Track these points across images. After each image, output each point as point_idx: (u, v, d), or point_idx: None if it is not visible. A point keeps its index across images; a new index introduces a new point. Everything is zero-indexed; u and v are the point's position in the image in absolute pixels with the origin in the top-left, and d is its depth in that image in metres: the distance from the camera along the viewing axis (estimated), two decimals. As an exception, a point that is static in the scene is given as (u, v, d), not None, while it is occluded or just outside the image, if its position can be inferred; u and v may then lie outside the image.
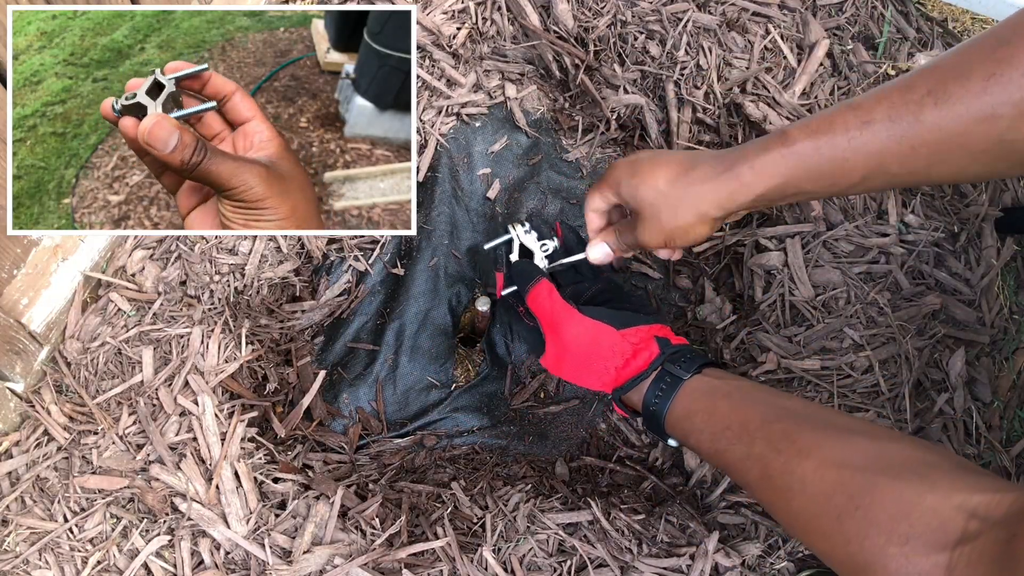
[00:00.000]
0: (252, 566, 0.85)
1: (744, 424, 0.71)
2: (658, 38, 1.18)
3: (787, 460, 0.66)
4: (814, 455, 0.64)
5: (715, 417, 0.74)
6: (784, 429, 0.68)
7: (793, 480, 0.65)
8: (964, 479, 0.58)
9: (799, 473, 0.64)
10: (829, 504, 0.62)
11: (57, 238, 0.93)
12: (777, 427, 0.69)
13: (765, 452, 0.68)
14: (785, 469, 0.66)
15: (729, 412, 0.73)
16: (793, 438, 0.67)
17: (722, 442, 0.72)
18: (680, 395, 0.77)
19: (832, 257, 1.04)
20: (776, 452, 0.67)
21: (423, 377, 1.03)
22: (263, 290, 1.05)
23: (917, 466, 0.61)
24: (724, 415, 0.73)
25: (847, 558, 0.61)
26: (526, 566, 0.87)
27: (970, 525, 0.55)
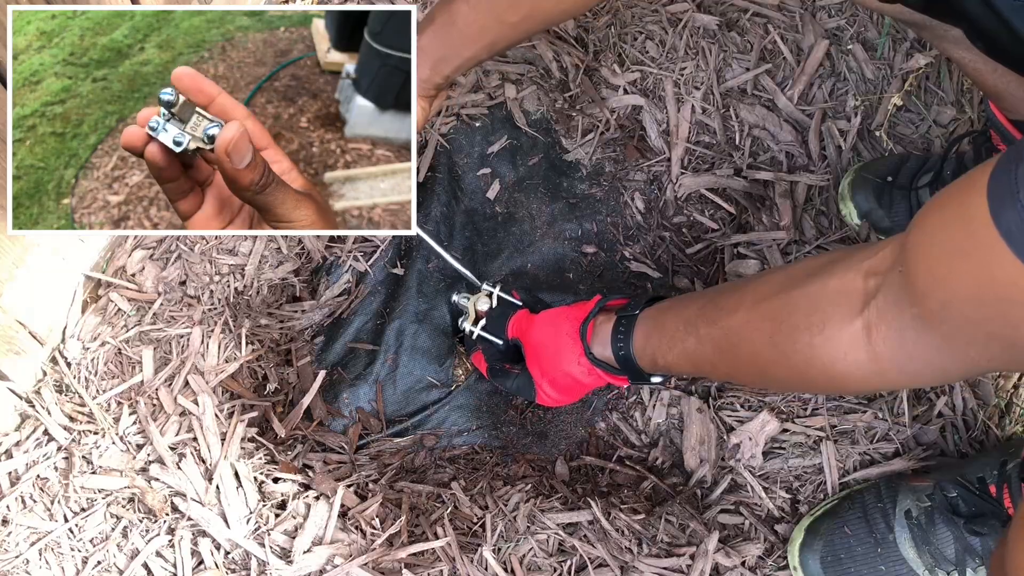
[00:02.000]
0: (252, 566, 0.85)
1: (687, 319, 0.78)
2: (658, 38, 1.18)
3: (723, 324, 0.73)
4: (740, 308, 0.71)
5: (666, 328, 0.80)
6: (713, 302, 0.76)
7: (733, 336, 0.72)
8: (858, 255, 0.63)
9: (734, 328, 0.71)
10: (762, 336, 0.68)
11: (57, 238, 0.93)
12: (709, 307, 0.76)
13: (707, 329, 0.75)
14: (723, 332, 0.73)
15: (675, 317, 0.80)
16: (721, 305, 0.74)
17: (678, 344, 0.78)
18: (637, 328, 0.83)
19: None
20: (713, 323, 0.74)
21: (423, 377, 1.03)
22: (263, 290, 1.05)
23: (820, 267, 0.66)
24: (672, 323, 0.80)
25: (793, 371, 0.67)
26: (526, 566, 0.87)
27: (869, 284, 0.60)
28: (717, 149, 1.14)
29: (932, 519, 0.85)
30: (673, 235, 1.11)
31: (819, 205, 1.11)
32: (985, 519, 0.83)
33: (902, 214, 1.04)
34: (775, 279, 0.71)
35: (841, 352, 0.61)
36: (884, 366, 0.60)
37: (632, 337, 0.83)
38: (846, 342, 0.61)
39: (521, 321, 0.96)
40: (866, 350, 0.60)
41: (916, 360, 0.59)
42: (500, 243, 1.10)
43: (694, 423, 0.98)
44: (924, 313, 0.55)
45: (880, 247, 0.61)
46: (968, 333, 0.54)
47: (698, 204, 1.13)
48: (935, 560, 0.84)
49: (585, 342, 0.87)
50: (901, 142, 1.14)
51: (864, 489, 0.92)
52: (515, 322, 0.96)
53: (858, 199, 1.06)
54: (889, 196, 1.05)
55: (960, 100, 1.16)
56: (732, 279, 1.06)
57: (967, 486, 0.85)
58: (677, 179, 1.12)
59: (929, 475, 0.90)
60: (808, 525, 0.90)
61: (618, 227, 1.12)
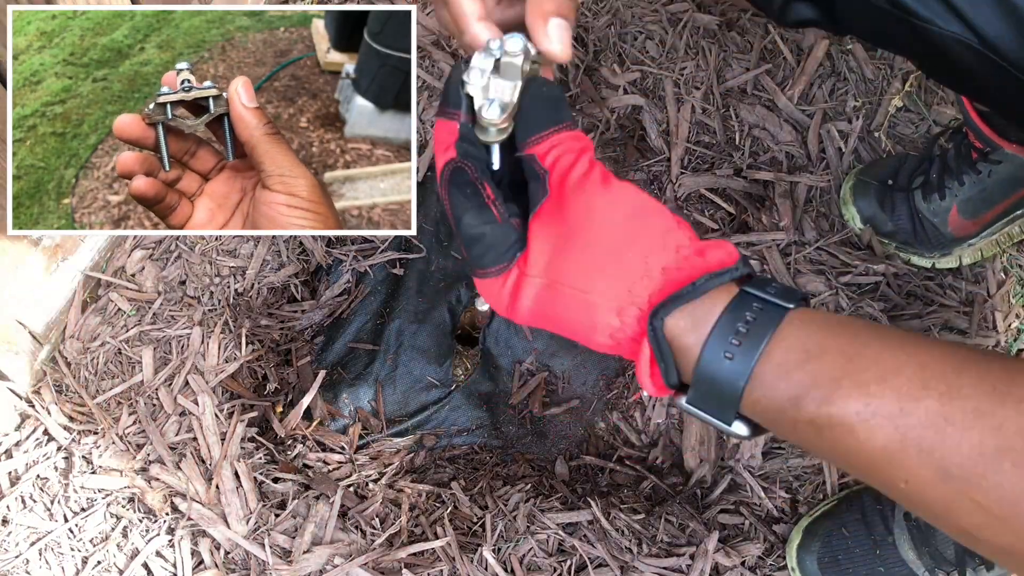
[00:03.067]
0: (252, 566, 0.85)
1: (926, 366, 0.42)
2: (658, 38, 1.18)
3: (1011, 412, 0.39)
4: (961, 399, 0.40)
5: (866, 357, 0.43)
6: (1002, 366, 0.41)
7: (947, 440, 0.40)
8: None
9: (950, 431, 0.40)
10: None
11: (57, 238, 0.93)
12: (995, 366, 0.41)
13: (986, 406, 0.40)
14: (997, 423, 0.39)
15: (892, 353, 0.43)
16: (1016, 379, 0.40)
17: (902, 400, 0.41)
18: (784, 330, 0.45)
19: (812, 266, 1.04)
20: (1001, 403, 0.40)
21: (423, 377, 1.03)
22: (263, 291, 1.05)
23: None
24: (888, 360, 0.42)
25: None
26: (526, 566, 0.87)
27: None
28: (717, 149, 1.14)
29: (932, 520, 0.85)
30: (673, 235, 1.11)
31: (819, 206, 1.11)
32: (985, 519, 0.82)
33: (903, 218, 1.04)
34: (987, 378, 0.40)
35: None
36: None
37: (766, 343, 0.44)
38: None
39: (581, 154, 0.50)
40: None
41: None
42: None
43: (694, 423, 0.98)
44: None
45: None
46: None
47: (698, 204, 1.13)
48: (935, 561, 0.84)
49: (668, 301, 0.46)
50: (901, 142, 1.14)
51: (863, 491, 0.92)
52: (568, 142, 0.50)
53: (860, 204, 1.06)
54: (891, 200, 1.05)
55: (960, 100, 1.16)
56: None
57: (967, 486, 0.84)
58: (677, 179, 1.12)
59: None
60: (806, 526, 0.90)
61: (618, 227, 1.12)
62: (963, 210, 1.01)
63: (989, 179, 0.98)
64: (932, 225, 1.03)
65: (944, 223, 1.02)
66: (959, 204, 1.01)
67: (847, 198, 1.08)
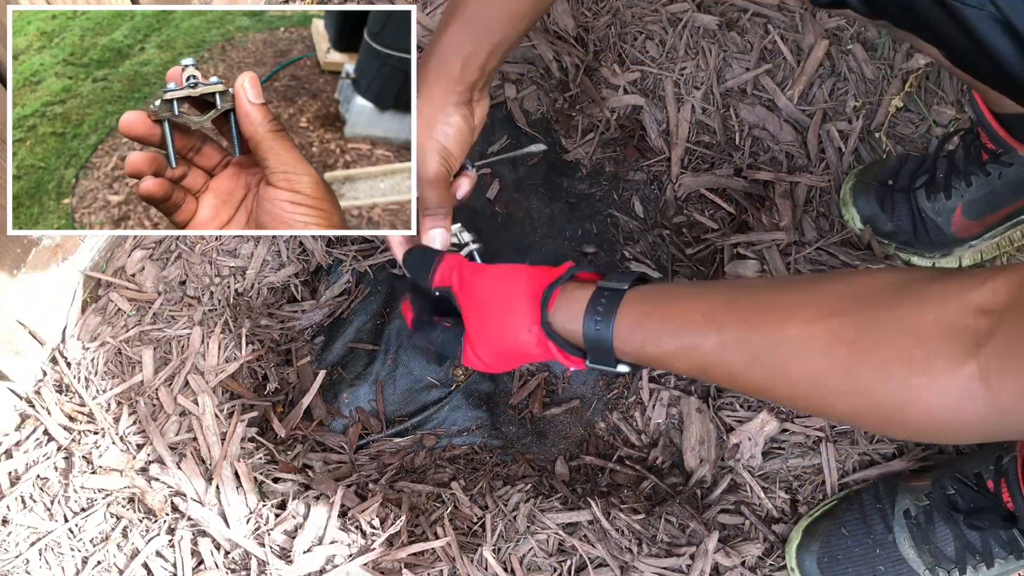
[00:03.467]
0: (252, 566, 0.85)
1: (707, 312, 0.62)
2: (658, 38, 1.18)
3: (768, 332, 0.59)
4: (794, 316, 0.58)
5: (671, 314, 0.64)
6: (752, 303, 0.61)
7: (782, 350, 0.58)
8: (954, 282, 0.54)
9: (786, 341, 0.58)
10: (832, 359, 0.56)
11: (57, 238, 0.93)
12: (744, 303, 0.61)
13: (741, 332, 0.60)
14: (769, 342, 0.59)
15: (687, 306, 0.64)
16: (765, 307, 0.60)
17: (688, 337, 0.63)
18: (625, 305, 0.66)
19: (812, 266, 1.04)
20: (752, 328, 0.60)
21: (423, 377, 1.03)
22: (263, 292, 1.05)
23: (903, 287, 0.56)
24: (680, 311, 0.64)
25: (875, 408, 0.55)
26: (526, 566, 0.87)
27: (980, 323, 0.51)
28: (717, 149, 1.14)
29: (931, 517, 0.85)
30: (673, 235, 1.11)
31: (819, 206, 1.11)
32: (984, 514, 0.83)
33: (904, 218, 1.04)
34: (841, 290, 0.59)
35: (953, 399, 0.51)
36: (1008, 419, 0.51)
37: (615, 315, 0.67)
38: (958, 389, 0.51)
39: (460, 267, 0.78)
40: (985, 402, 0.50)
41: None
42: (500, 243, 1.10)
43: (694, 423, 0.98)
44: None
45: (984, 278, 0.53)
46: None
47: (698, 204, 1.13)
48: (935, 559, 0.84)
49: (545, 310, 0.71)
50: (901, 142, 1.14)
51: (862, 490, 0.92)
52: (448, 267, 0.78)
53: (860, 204, 1.06)
54: (891, 200, 1.05)
55: (960, 100, 1.16)
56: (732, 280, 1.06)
57: (965, 482, 0.85)
58: (677, 179, 1.12)
59: (926, 474, 0.90)
60: (806, 526, 0.90)
61: (618, 227, 1.12)
62: (968, 211, 1.01)
63: (999, 181, 0.98)
64: (935, 225, 1.02)
65: (947, 223, 1.02)
66: (964, 205, 1.00)
67: (847, 198, 1.08)
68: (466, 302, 0.76)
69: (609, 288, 0.69)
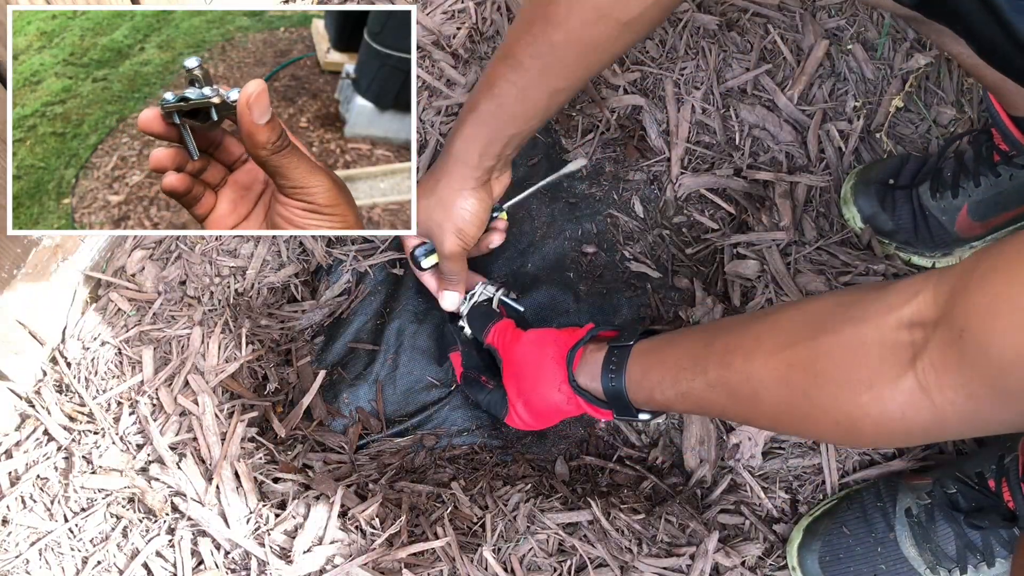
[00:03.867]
0: (252, 566, 0.85)
1: (693, 357, 0.73)
2: (658, 38, 1.18)
3: (739, 369, 0.68)
4: (757, 352, 0.66)
5: (667, 363, 0.76)
6: (725, 344, 0.70)
7: (753, 384, 0.67)
8: (885, 299, 0.59)
9: (754, 375, 0.66)
10: (792, 387, 0.64)
11: (57, 238, 0.93)
12: (718, 346, 0.71)
13: (719, 373, 0.70)
14: (741, 378, 0.68)
15: (677, 353, 0.76)
16: (734, 348, 0.69)
17: (683, 383, 0.74)
18: (632, 360, 0.79)
19: (812, 265, 1.04)
20: (727, 367, 0.69)
21: (423, 377, 1.03)
22: (263, 292, 1.05)
23: (845, 310, 0.61)
24: (674, 358, 0.75)
25: (835, 426, 0.62)
26: (526, 566, 0.87)
27: (914, 336, 0.56)
28: (717, 149, 1.14)
29: (932, 516, 0.85)
30: (673, 235, 1.11)
31: (819, 206, 1.11)
32: (985, 513, 0.83)
33: (905, 217, 1.04)
34: (792, 320, 0.66)
35: (898, 411, 0.57)
36: (950, 424, 0.56)
37: (625, 370, 0.79)
38: (902, 400, 0.56)
39: (505, 333, 0.93)
40: (929, 411, 0.55)
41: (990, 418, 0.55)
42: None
43: (694, 423, 0.98)
44: (1003, 385, 0.51)
45: (911, 290, 0.57)
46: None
47: (698, 204, 1.13)
48: (936, 558, 0.84)
49: (570, 369, 0.84)
50: (901, 142, 1.14)
51: (863, 489, 0.92)
52: (498, 331, 0.94)
53: (860, 203, 1.06)
54: (892, 199, 1.05)
55: (960, 100, 1.16)
56: (732, 280, 1.06)
57: (966, 481, 0.85)
58: (677, 179, 1.12)
59: (927, 473, 0.90)
60: (807, 525, 0.90)
61: (618, 227, 1.12)
62: (973, 211, 1.00)
63: (1009, 182, 0.98)
64: (938, 223, 1.02)
65: (952, 222, 1.02)
66: (971, 205, 1.00)
67: (847, 198, 1.08)
68: (507, 367, 0.91)
69: (618, 347, 0.81)
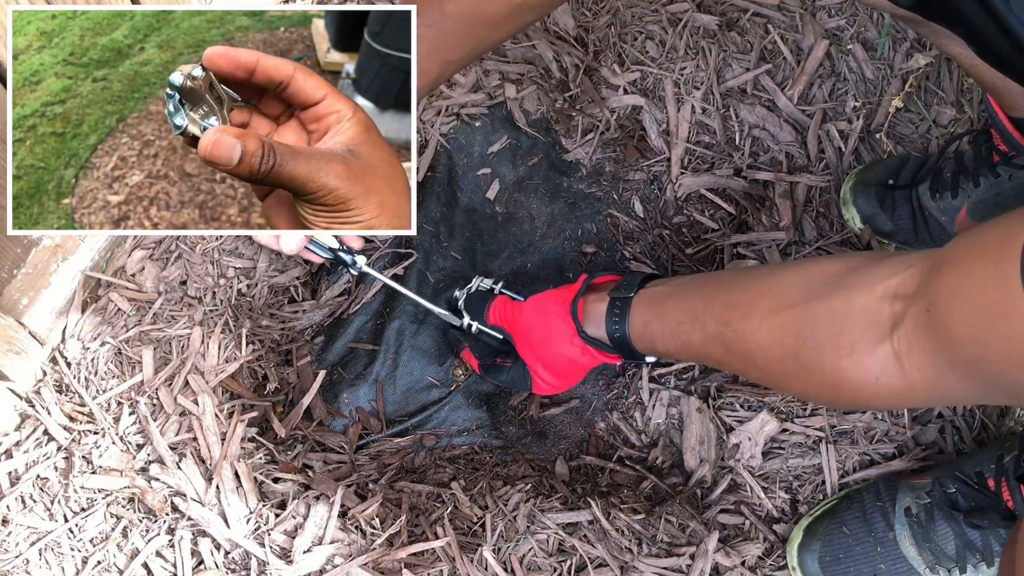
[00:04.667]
0: (252, 566, 0.85)
1: (692, 312, 0.76)
2: (658, 38, 1.18)
3: (736, 327, 0.71)
4: (754, 312, 0.70)
5: (667, 316, 0.79)
6: (724, 300, 0.74)
7: (748, 342, 0.70)
8: (880, 269, 0.62)
9: (749, 333, 0.70)
10: (783, 348, 0.67)
11: (57, 238, 0.93)
12: (717, 302, 0.74)
13: (717, 328, 0.73)
14: (737, 336, 0.71)
15: (677, 307, 0.79)
16: (733, 305, 0.73)
17: (682, 336, 0.77)
18: (633, 311, 0.82)
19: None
20: (725, 324, 0.72)
21: (423, 377, 1.03)
22: (264, 292, 1.05)
23: (841, 278, 0.65)
24: (674, 312, 0.79)
25: (818, 386, 0.66)
26: (526, 566, 0.87)
27: (895, 308, 0.59)
28: (717, 149, 1.14)
29: (932, 515, 0.85)
30: (673, 235, 1.11)
31: (819, 206, 1.11)
32: (984, 512, 0.83)
33: (904, 217, 1.04)
34: (792, 284, 0.69)
35: (873, 376, 0.61)
36: (918, 391, 0.60)
37: (628, 320, 0.83)
38: (877, 366, 0.60)
39: (505, 307, 0.94)
40: (900, 376, 0.60)
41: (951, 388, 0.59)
42: (500, 243, 1.10)
43: (694, 423, 0.98)
44: (958, 359, 0.55)
45: (902, 264, 0.61)
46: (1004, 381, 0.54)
47: (698, 204, 1.13)
48: (936, 557, 0.84)
49: (577, 322, 0.86)
50: (901, 142, 1.14)
51: (863, 489, 0.92)
52: (496, 308, 0.95)
53: (860, 203, 1.06)
54: (891, 200, 1.05)
55: (960, 100, 1.16)
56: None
57: (966, 481, 0.85)
58: (677, 179, 1.12)
59: (927, 473, 0.90)
60: (807, 525, 0.90)
61: (618, 227, 1.12)
62: (973, 212, 1.00)
63: (1009, 183, 0.98)
64: (938, 223, 1.02)
65: (951, 222, 1.02)
66: (971, 205, 1.00)
67: (847, 198, 1.08)
68: (518, 337, 0.92)
69: (620, 297, 0.84)
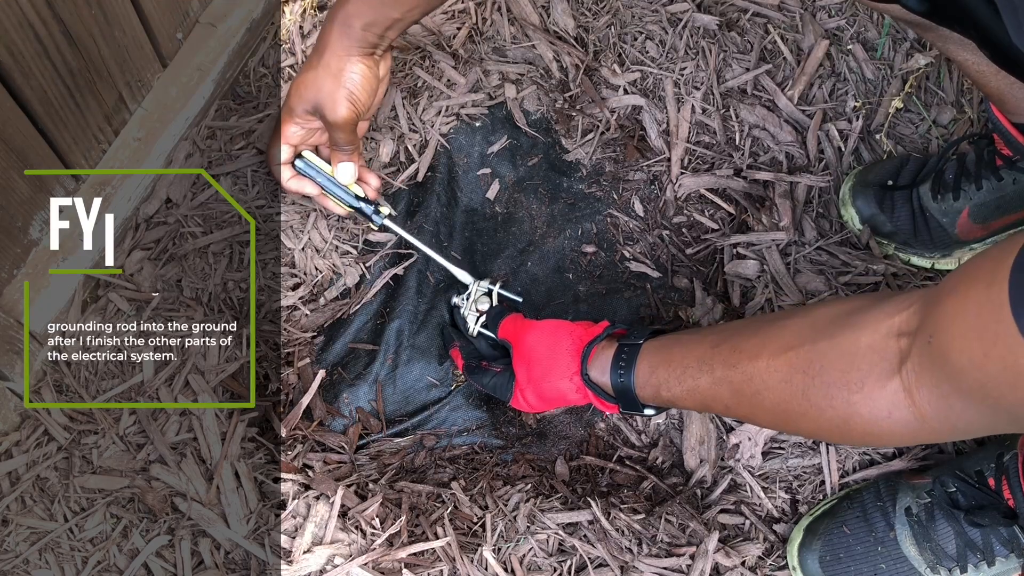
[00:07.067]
0: (252, 566, 0.85)
1: (699, 356, 0.77)
2: (658, 38, 1.18)
3: (743, 369, 0.72)
4: (762, 354, 0.71)
5: (674, 362, 0.79)
6: (731, 345, 0.75)
7: (756, 383, 0.71)
8: (883, 308, 0.63)
9: (757, 374, 0.71)
10: (792, 387, 0.68)
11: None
12: (725, 347, 0.75)
13: (724, 372, 0.74)
14: (745, 377, 0.72)
15: (684, 353, 0.79)
16: (740, 348, 0.73)
17: (688, 380, 0.77)
18: (641, 358, 0.82)
19: (811, 265, 1.04)
20: (732, 367, 0.73)
21: (423, 377, 1.03)
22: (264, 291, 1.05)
23: (845, 317, 0.66)
24: (681, 357, 0.79)
25: (829, 424, 0.66)
26: (526, 566, 0.87)
27: (901, 344, 0.61)
28: (717, 149, 1.14)
29: (932, 515, 0.85)
30: (673, 235, 1.11)
31: (819, 206, 1.11)
32: (985, 511, 0.83)
33: (904, 218, 1.04)
34: (797, 325, 0.70)
35: (885, 411, 0.62)
36: (930, 423, 0.60)
37: (634, 367, 0.82)
38: (888, 402, 0.61)
39: (516, 323, 0.95)
40: (911, 411, 0.60)
41: (960, 418, 0.59)
42: (500, 243, 1.10)
43: (694, 423, 0.98)
44: (962, 387, 0.56)
45: (906, 302, 0.61)
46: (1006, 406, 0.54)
47: (698, 204, 1.13)
48: (936, 557, 0.84)
49: (585, 363, 0.85)
50: (901, 142, 1.14)
51: (863, 488, 0.92)
52: (507, 323, 0.96)
53: (859, 204, 1.06)
54: (891, 201, 1.05)
55: (960, 100, 1.16)
56: (732, 280, 1.06)
57: (966, 479, 0.85)
58: (677, 179, 1.12)
59: (927, 472, 0.90)
60: (807, 525, 0.90)
61: (618, 227, 1.12)
62: (974, 214, 1.00)
63: (1012, 187, 0.98)
64: (939, 225, 1.02)
65: (952, 224, 1.02)
66: (972, 207, 1.00)
67: (846, 198, 1.08)
68: (518, 352, 0.92)
69: (628, 344, 0.84)
